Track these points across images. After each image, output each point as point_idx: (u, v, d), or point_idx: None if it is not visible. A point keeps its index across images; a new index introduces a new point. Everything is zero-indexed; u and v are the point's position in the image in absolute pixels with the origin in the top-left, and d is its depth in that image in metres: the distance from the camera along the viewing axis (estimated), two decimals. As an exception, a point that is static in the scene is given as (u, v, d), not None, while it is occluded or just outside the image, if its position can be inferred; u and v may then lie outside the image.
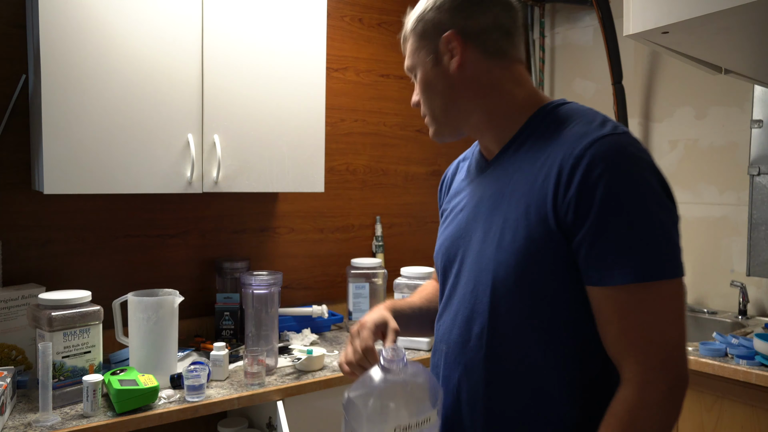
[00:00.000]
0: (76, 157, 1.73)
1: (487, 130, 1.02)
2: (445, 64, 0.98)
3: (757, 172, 2.26)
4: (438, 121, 1.04)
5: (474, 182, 1.06)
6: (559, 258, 0.88)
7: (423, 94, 1.03)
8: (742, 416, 1.85)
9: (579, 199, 0.84)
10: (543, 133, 0.95)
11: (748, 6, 1.15)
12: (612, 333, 0.86)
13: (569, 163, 0.86)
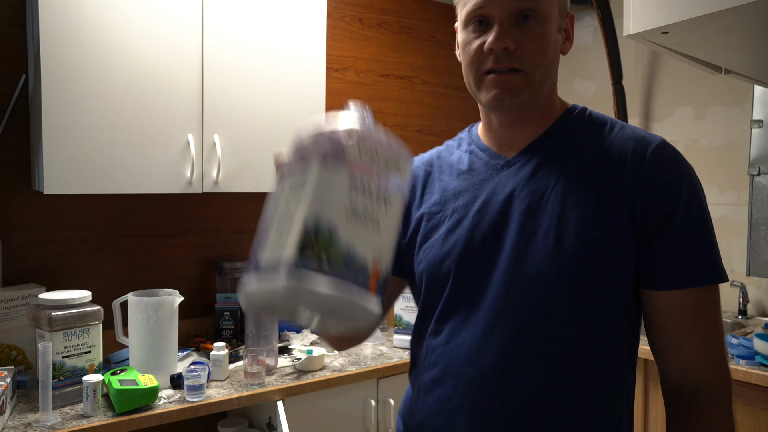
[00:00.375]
0: (76, 157, 1.73)
1: (530, 121, 0.93)
2: (559, 38, 0.91)
3: (757, 172, 2.26)
4: (532, 84, 0.88)
5: (488, 181, 0.94)
6: (625, 261, 0.86)
7: (537, 48, 0.87)
8: (742, 416, 1.85)
9: (663, 201, 0.84)
10: (586, 134, 0.92)
11: (748, 6, 1.15)
12: (686, 335, 0.87)
13: (646, 165, 0.85)
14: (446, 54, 2.94)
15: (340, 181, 0.65)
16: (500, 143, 0.96)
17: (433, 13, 2.88)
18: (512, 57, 0.86)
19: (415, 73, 2.85)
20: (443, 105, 2.96)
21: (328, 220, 0.63)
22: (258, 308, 0.67)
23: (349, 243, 0.63)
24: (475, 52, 0.88)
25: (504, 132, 0.95)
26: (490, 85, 0.88)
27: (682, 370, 0.88)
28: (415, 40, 2.83)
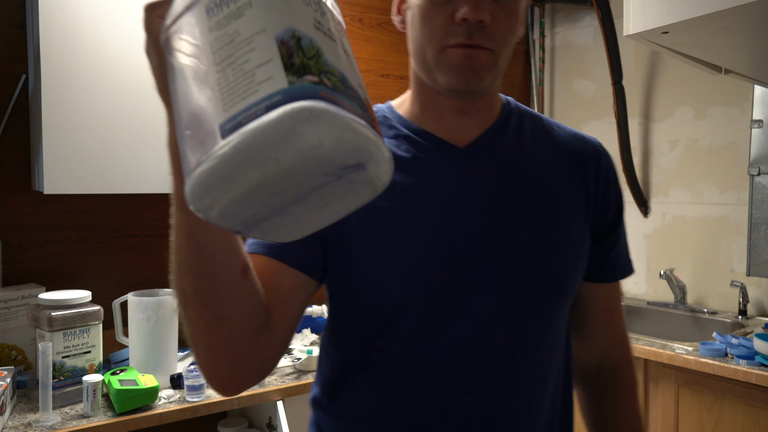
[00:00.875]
0: (76, 157, 1.73)
1: (481, 108, 0.84)
2: (521, 19, 0.81)
3: (757, 172, 2.26)
4: (497, 68, 0.77)
5: (445, 174, 0.80)
6: (586, 256, 0.88)
7: (509, 26, 0.76)
8: (742, 416, 1.85)
9: (612, 198, 0.90)
10: (533, 128, 0.87)
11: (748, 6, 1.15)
12: (614, 319, 0.96)
13: (601, 165, 0.89)
14: (446, 54, 2.94)
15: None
16: (448, 131, 0.83)
17: (433, 13, 2.88)
18: (485, 33, 0.73)
19: (415, 73, 2.85)
20: (443, 105, 2.96)
21: (306, 31, 0.44)
22: (221, 194, 0.43)
23: (335, 62, 0.45)
24: (440, 20, 0.74)
25: (453, 118, 0.82)
26: (454, 61, 0.74)
27: (604, 351, 0.97)
28: (415, 40, 2.83)
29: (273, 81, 0.41)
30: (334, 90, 0.43)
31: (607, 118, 2.90)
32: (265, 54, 0.42)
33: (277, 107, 0.40)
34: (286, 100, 0.40)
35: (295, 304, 0.77)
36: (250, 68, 0.42)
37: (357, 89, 0.46)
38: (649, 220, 2.73)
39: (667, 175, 2.67)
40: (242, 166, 0.41)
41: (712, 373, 1.87)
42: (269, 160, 0.40)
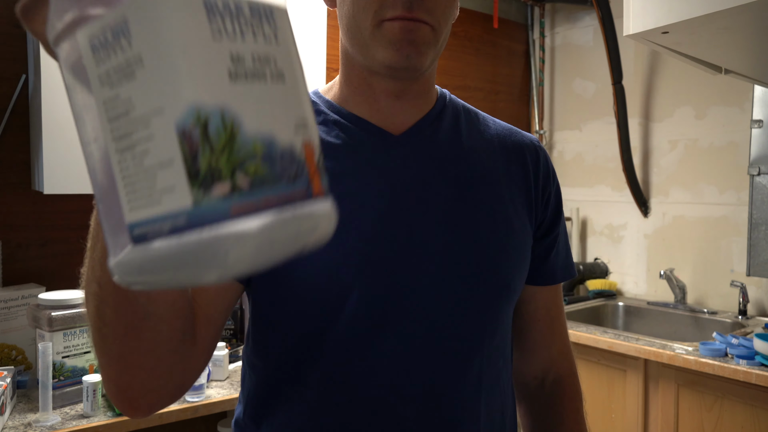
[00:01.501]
0: (76, 157, 1.73)
1: (417, 95, 0.78)
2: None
3: (757, 172, 2.26)
4: (436, 45, 0.72)
5: (378, 162, 0.75)
6: (528, 256, 0.83)
7: (447, 1, 0.72)
8: (742, 416, 1.85)
9: (552, 193, 0.86)
10: (468, 119, 0.83)
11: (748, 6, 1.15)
12: (556, 328, 0.91)
13: (540, 162, 0.85)
14: (446, 54, 2.94)
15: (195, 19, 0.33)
16: (382, 116, 0.76)
17: (433, 13, 2.88)
18: (425, 6, 0.68)
19: (415, 73, 2.85)
20: (443, 105, 2.96)
21: (212, 99, 0.33)
22: (142, 285, 0.38)
23: (259, 124, 0.35)
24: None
25: (388, 103, 0.76)
26: (393, 34, 0.68)
27: (547, 363, 0.91)
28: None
29: (175, 195, 0.33)
30: (251, 189, 0.34)
31: (607, 118, 2.90)
32: (164, 150, 0.33)
33: (182, 234, 0.33)
34: (190, 225, 0.33)
35: (220, 309, 0.70)
36: (150, 164, 0.33)
37: (288, 143, 0.36)
38: (649, 220, 2.73)
39: (667, 175, 2.67)
40: (156, 277, 0.35)
41: (712, 373, 1.87)
42: (182, 280, 0.35)
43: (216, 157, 0.33)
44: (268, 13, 0.37)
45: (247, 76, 0.35)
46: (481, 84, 3.07)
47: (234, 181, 0.33)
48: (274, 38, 0.37)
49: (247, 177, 0.34)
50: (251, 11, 0.36)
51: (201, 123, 0.32)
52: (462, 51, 2.98)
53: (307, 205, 0.36)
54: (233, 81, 0.34)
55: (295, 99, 0.38)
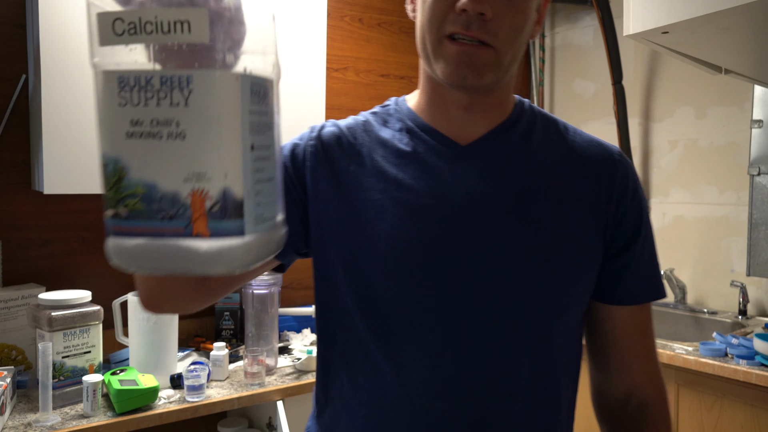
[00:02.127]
0: (76, 157, 1.73)
1: (488, 107, 0.80)
2: (533, 19, 0.76)
3: (757, 172, 2.26)
4: (500, 66, 0.74)
5: (441, 171, 0.78)
6: (592, 274, 0.81)
7: (515, 22, 0.72)
8: (742, 416, 1.85)
9: (628, 213, 0.81)
10: (544, 132, 0.83)
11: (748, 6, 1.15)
12: (638, 351, 0.86)
13: (617, 177, 0.81)
14: (446, 54, 2.94)
15: (110, 89, 0.47)
16: (452, 127, 0.80)
17: (433, 13, 2.88)
18: (485, 27, 0.70)
19: (415, 73, 2.84)
20: (443, 105, 2.96)
21: (111, 151, 0.47)
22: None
23: (143, 173, 0.47)
24: (440, 7, 0.71)
25: (458, 114, 0.79)
26: (451, 56, 0.72)
27: (630, 387, 0.86)
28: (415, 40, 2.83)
29: (106, 207, 0.49)
30: (129, 219, 0.48)
31: (607, 118, 2.90)
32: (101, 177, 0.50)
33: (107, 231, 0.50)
34: (107, 231, 0.50)
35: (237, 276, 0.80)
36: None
37: (171, 192, 0.47)
38: (649, 220, 2.73)
39: (667, 175, 2.67)
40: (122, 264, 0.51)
41: (712, 373, 1.87)
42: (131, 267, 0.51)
43: (108, 190, 0.48)
44: (182, 82, 0.45)
45: (142, 135, 0.47)
46: (481, 84, 3.07)
47: (116, 210, 0.48)
48: (184, 102, 0.46)
49: (126, 209, 0.48)
50: (162, 82, 0.46)
51: (104, 166, 0.48)
52: (462, 51, 2.98)
53: (182, 240, 0.47)
54: (128, 138, 0.47)
55: (193, 156, 0.46)
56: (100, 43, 0.47)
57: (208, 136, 0.46)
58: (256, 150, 0.49)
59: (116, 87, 0.47)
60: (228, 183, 0.46)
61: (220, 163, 0.46)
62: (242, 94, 0.47)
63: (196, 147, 0.46)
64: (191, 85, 0.46)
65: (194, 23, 0.45)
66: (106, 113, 0.48)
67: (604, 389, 0.89)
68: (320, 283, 0.84)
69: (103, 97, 0.48)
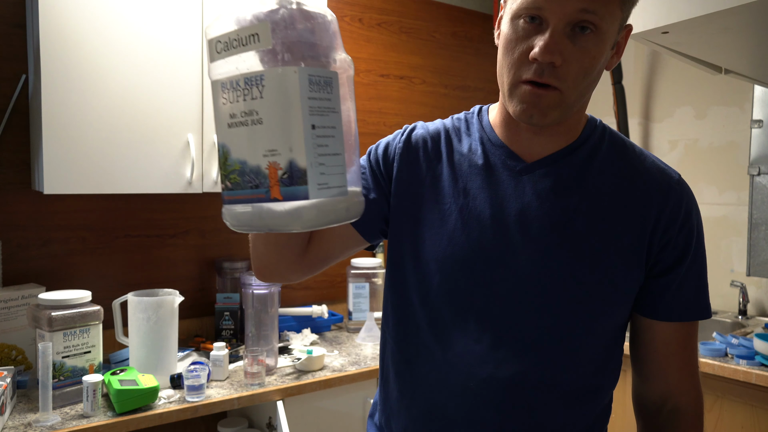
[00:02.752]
0: (76, 157, 1.73)
1: (557, 133, 0.88)
2: (609, 55, 0.82)
3: (757, 172, 2.26)
4: (564, 105, 0.80)
5: (504, 184, 0.87)
6: (633, 289, 0.87)
7: (583, 67, 0.78)
8: (742, 416, 1.85)
9: (678, 240, 0.86)
10: (609, 154, 0.88)
11: (748, 6, 1.15)
12: (675, 363, 0.92)
13: (671, 199, 0.86)
14: (446, 54, 2.94)
15: (218, 93, 0.65)
16: (521, 146, 0.88)
17: (433, 13, 2.88)
18: (555, 73, 0.77)
19: (415, 73, 2.85)
20: (443, 105, 2.96)
21: (220, 139, 0.65)
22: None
23: (238, 153, 0.63)
24: (519, 55, 0.79)
25: (529, 136, 0.88)
26: (522, 97, 0.80)
27: (665, 393, 0.93)
28: (415, 40, 2.83)
29: (220, 182, 0.65)
30: (233, 189, 0.64)
31: (607, 118, 2.90)
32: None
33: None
34: (223, 200, 0.67)
35: (338, 247, 0.95)
36: None
37: (255, 167, 0.62)
38: (649, 220, 2.73)
39: (667, 175, 2.67)
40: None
41: (712, 373, 1.87)
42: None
43: (219, 168, 0.66)
44: (257, 80, 0.61)
45: (237, 125, 0.63)
46: (481, 84, 3.07)
47: (224, 183, 0.65)
48: (260, 95, 0.61)
49: (230, 182, 0.65)
50: (245, 82, 0.62)
51: (218, 150, 0.66)
52: (462, 51, 2.98)
53: (265, 204, 0.62)
54: (230, 128, 0.64)
55: (268, 137, 0.61)
56: (210, 60, 0.65)
57: (276, 119, 0.60)
58: (317, 129, 0.61)
59: (220, 91, 0.64)
60: (293, 156, 0.60)
61: (286, 140, 0.60)
62: (300, 85, 0.60)
63: (269, 129, 0.61)
64: (263, 81, 0.61)
65: (261, 34, 0.60)
66: (216, 111, 0.65)
67: (641, 391, 0.96)
68: (392, 273, 0.94)
69: (214, 99, 0.65)
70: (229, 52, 0.63)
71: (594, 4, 0.75)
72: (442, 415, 0.88)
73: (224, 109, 0.64)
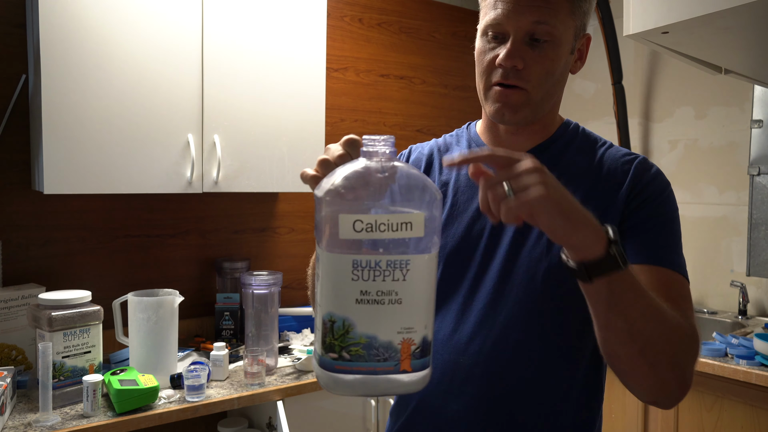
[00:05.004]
0: (76, 157, 1.73)
1: (533, 132, 0.99)
2: (570, 59, 0.95)
3: (757, 172, 2.26)
4: (532, 103, 0.92)
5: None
6: None
7: (544, 69, 0.90)
8: (742, 416, 1.85)
9: (647, 206, 0.93)
10: (580, 146, 0.99)
11: (748, 6, 1.15)
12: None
13: (637, 173, 0.94)
14: (446, 54, 2.94)
15: (345, 267, 0.64)
16: (502, 145, 1.00)
17: (433, 13, 2.88)
18: (519, 75, 0.90)
19: (415, 73, 2.85)
20: (443, 105, 2.96)
21: (341, 312, 0.64)
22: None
23: (367, 329, 0.64)
24: (488, 63, 0.93)
25: (507, 137, 1.00)
26: (494, 97, 0.93)
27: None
28: (415, 40, 2.83)
29: (317, 345, 0.67)
30: (351, 360, 0.64)
31: (607, 118, 2.90)
32: (318, 323, 0.67)
33: (316, 363, 0.68)
34: (318, 363, 0.67)
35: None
36: (316, 326, 0.68)
37: (387, 342, 0.64)
38: (649, 220, 2.73)
39: (667, 175, 2.65)
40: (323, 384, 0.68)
41: (712, 373, 1.87)
42: (327, 388, 0.68)
43: (334, 340, 0.65)
44: (402, 264, 0.64)
45: (369, 302, 0.64)
46: (481, 84, 3.08)
47: (340, 354, 0.65)
48: (403, 278, 0.64)
49: (349, 354, 0.64)
50: (387, 265, 0.64)
51: (331, 321, 0.65)
52: (462, 51, 2.98)
53: (391, 375, 0.65)
54: (358, 303, 0.64)
55: (406, 316, 0.65)
56: (341, 236, 0.63)
57: (418, 300, 0.65)
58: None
59: (350, 266, 0.64)
60: (426, 332, 0.66)
61: (423, 318, 0.66)
62: (435, 267, 0.67)
63: (408, 309, 0.65)
64: (409, 265, 0.64)
65: (414, 224, 0.64)
66: (337, 284, 0.64)
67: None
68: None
69: (337, 272, 0.64)
70: (372, 234, 0.63)
71: (545, 16, 0.88)
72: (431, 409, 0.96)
73: (353, 284, 0.64)
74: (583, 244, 0.70)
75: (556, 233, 0.69)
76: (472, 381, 0.93)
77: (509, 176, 0.68)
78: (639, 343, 0.76)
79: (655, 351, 0.77)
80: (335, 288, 0.65)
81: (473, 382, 0.93)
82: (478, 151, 0.71)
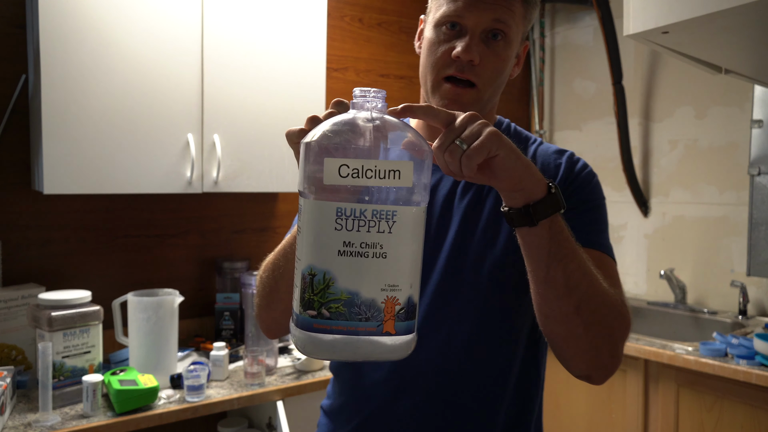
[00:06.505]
0: (76, 157, 1.73)
1: None
2: (512, 64, 0.97)
3: (757, 172, 2.26)
4: (480, 101, 0.94)
5: (434, 177, 0.99)
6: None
7: (496, 67, 0.92)
8: (742, 416, 1.85)
9: (577, 188, 0.96)
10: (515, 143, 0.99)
11: (748, 6, 1.15)
12: None
13: (566, 167, 0.98)
14: (446, 54, 2.94)
15: (328, 216, 0.60)
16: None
17: (433, 13, 2.88)
18: (473, 70, 0.91)
19: (415, 73, 2.84)
20: (443, 105, 2.96)
21: (321, 265, 0.60)
22: (306, 354, 0.66)
23: (348, 284, 0.60)
24: (441, 55, 0.92)
25: None
26: (445, 93, 0.93)
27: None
28: (414, 40, 2.83)
29: (296, 303, 0.63)
30: (331, 319, 0.60)
31: (607, 118, 2.90)
32: (297, 279, 0.63)
33: (294, 324, 0.64)
34: (296, 323, 0.63)
35: None
36: (295, 283, 0.64)
37: (369, 300, 0.60)
38: (649, 220, 2.73)
39: (667, 175, 2.67)
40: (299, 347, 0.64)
41: (712, 373, 1.87)
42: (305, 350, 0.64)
43: (314, 295, 0.61)
44: (389, 215, 0.60)
45: (352, 254, 0.60)
46: (481, 84, 3.08)
47: (319, 311, 0.61)
48: (389, 230, 0.61)
49: (329, 311, 0.60)
50: (373, 215, 0.60)
51: (311, 275, 0.61)
52: (462, 51, 2.98)
53: (373, 337, 0.61)
54: (339, 255, 0.60)
55: (390, 272, 0.61)
56: (325, 181, 0.59)
57: (403, 256, 0.62)
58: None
59: (334, 215, 0.60)
60: (411, 292, 0.63)
61: (409, 277, 0.62)
62: (422, 224, 0.64)
63: (393, 264, 0.61)
64: (395, 217, 0.61)
65: (403, 172, 0.60)
66: (320, 234, 0.61)
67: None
68: None
69: (320, 221, 0.61)
70: (359, 181, 0.59)
71: (504, 15, 0.90)
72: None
73: (336, 234, 0.60)
74: (531, 182, 0.72)
75: (513, 172, 0.71)
76: (424, 376, 0.95)
77: (457, 132, 0.68)
78: (575, 297, 0.78)
79: (590, 309, 0.79)
80: (317, 238, 0.61)
81: (426, 377, 0.94)
82: (423, 105, 0.73)
